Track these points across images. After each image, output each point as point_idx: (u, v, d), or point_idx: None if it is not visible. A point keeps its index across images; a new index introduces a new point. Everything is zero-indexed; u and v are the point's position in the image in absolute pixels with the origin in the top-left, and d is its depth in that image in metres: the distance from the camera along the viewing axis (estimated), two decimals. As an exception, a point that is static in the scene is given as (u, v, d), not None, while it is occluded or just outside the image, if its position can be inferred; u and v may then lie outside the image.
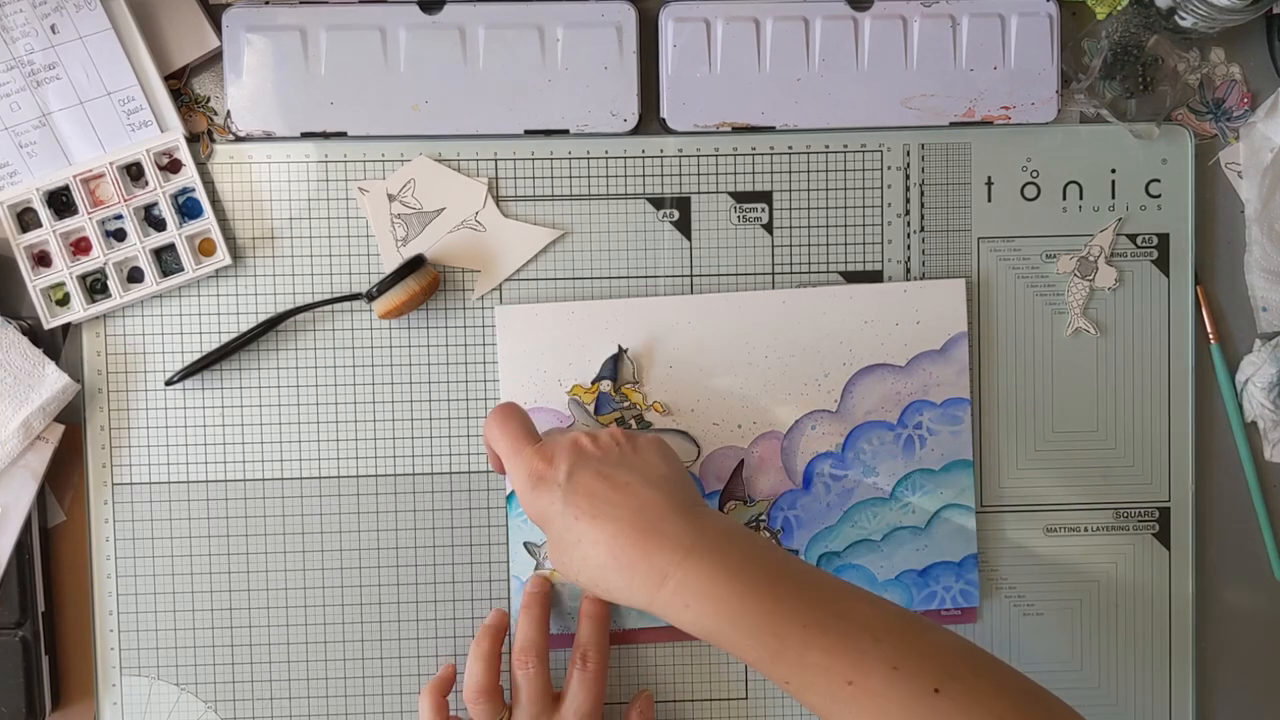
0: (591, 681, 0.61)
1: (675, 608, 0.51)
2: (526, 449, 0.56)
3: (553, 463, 0.55)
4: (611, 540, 0.52)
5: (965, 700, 0.48)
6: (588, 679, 0.61)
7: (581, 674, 0.61)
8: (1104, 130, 0.67)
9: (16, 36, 0.62)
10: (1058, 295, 0.67)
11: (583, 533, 0.53)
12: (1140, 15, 0.66)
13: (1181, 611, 0.68)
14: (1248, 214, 0.68)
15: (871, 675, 0.48)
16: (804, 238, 0.67)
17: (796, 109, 0.65)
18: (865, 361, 0.66)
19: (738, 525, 0.54)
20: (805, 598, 0.50)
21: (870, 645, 0.49)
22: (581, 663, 0.61)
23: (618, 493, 0.53)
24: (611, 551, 0.52)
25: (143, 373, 0.65)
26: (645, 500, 0.53)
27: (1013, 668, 0.50)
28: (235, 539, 0.65)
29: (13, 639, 0.63)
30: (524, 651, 0.61)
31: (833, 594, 0.51)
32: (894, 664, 0.48)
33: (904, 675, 0.48)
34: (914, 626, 0.50)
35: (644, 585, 0.52)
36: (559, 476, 0.55)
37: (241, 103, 0.64)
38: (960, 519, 0.67)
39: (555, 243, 0.66)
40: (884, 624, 0.50)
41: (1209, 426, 0.69)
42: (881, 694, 0.48)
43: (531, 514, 0.56)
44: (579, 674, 0.61)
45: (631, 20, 0.64)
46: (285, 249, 0.65)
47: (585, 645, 0.62)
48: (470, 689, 0.61)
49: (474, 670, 0.62)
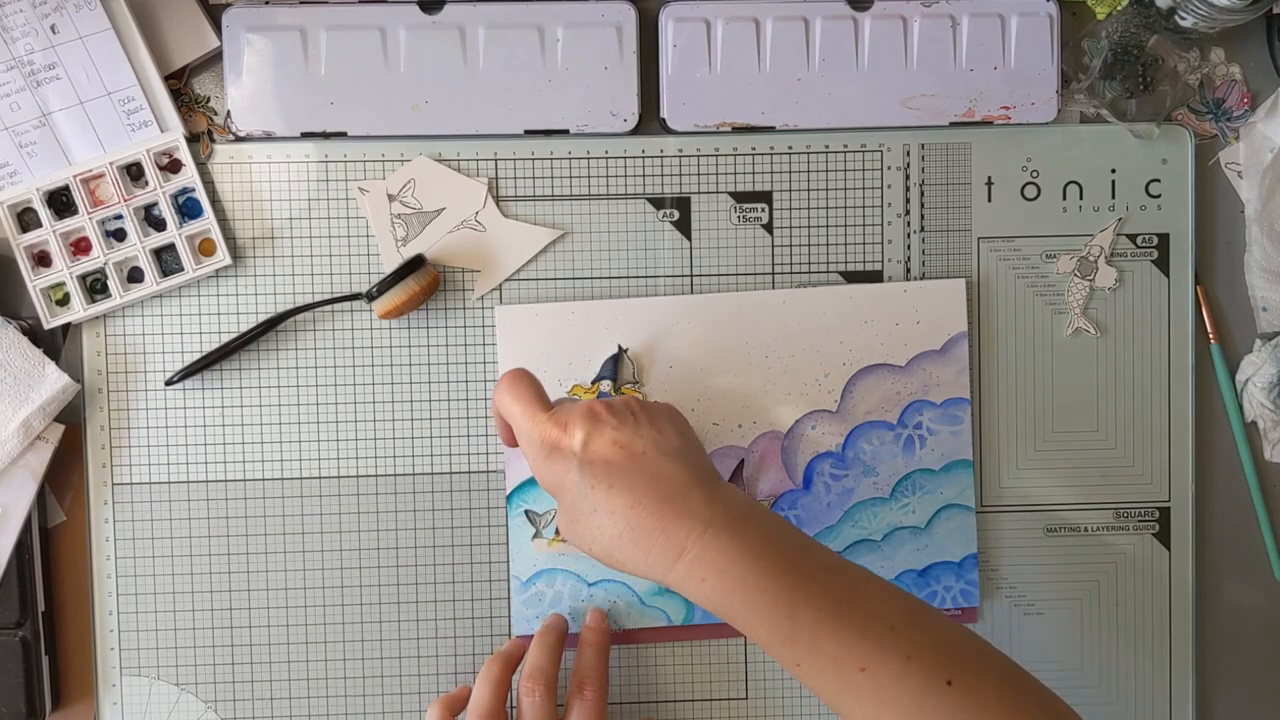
0: (590, 710, 0.61)
1: (691, 581, 0.50)
2: (540, 415, 0.54)
3: (567, 430, 0.53)
4: (629, 511, 0.51)
5: (977, 694, 0.47)
6: (586, 707, 0.61)
7: (580, 702, 0.61)
8: (1104, 130, 0.67)
9: (16, 36, 0.62)
10: (1058, 295, 0.67)
11: (598, 502, 0.51)
12: (1140, 15, 0.66)
13: (1181, 611, 0.68)
14: (1248, 214, 0.68)
15: (885, 664, 0.47)
16: (804, 238, 0.67)
17: (796, 109, 0.65)
18: (865, 361, 0.66)
19: (756, 503, 0.53)
20: (822, 580, 0.50)
21: (885, 633, 0.48)
22: (580, 690, 0.61)
23: (634, 462, 0.52)
24: (629, 522, 0.51)
25: (143, 373, 0.65)
26: (663, 471, 0.52)
27: (1017, 664, 0.50)
28: (235, 539, 0.65)
29: (13, 639, 0.63)
30: (532, 678, 0.61)
31: (850, 579, 0.50)
32: (908, 654, 0.48)
33: (917, 666, 0.47)
34: (928, 617, 0.50)
35: (660, 558, 0.50)
36: (574, 444, 0.52)
37: (241, 103, 0.64)
38: (960, 519, 0.67)
39: (555, 243, 0.66)
40: (899, 612, 0.49)
41: (1209, 426, 0.69)
42: (894, 683, 0.47)
43: (545, 482, 0.54)
44: (579, 703, 0.61)
45: (631, 20, 0.64)
46: (285, 249, 0.65)
47: (585, 673, 0.62)
48: (474, 711, 0.61)
49: (481, 693, 0.61)
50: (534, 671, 0.61)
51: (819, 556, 0.51)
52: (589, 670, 0.62)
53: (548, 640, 0.63)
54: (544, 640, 0.63)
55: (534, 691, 0.60)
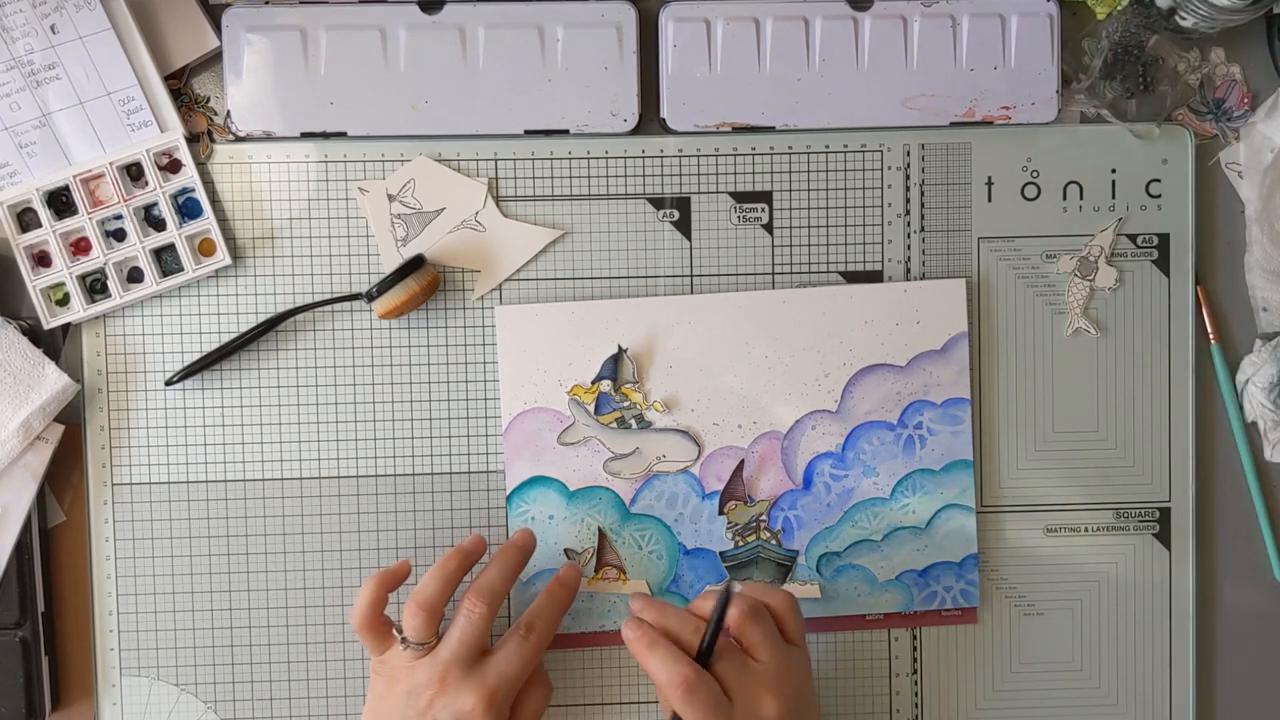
0: (528, 652, 0.59)
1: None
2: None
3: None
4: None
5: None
6: (525, 648, 0.59)
7: (520, 642, 0.59)
8: (1104, 130, 0.67)
9: (16, 36, 0.62)
10: (1058, 295, 0.67)
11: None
12: (1140, 15, 0.66)
13: (1181, 611, 0.68)
14: (1248, 214, 0.68)
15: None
16: (804, 238, 0.67)
17: (796, 109, 0.65)
18: (865, 361, 0.66)
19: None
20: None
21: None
22: (525, 631, 0.59)
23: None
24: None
25: (143, 373, 0.65)
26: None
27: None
28: (235, 539, 0.65)
29: (13, 639, 0.63)
30: (479, 593, 0.59)
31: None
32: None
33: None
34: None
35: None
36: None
37: (241, 103, 0.64)
38: (960, 519, 0.67)
39: (555, 243, 0.66)
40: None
41: (1209, 426, 0.69)
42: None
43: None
44: (518, 640, 0.59)
45: (631, 20, 0.64)
46: (285, 249, 0.65)
47: (535, 616, 0.60)
48: (417, 597, 0.59)
49: (429, 583, 0.59)
50: (483, 587, 0.59)
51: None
52: (541, 614, 0.60)
53: (508, 560, 0.61)
54: (504, 559, 0.61)
55: (476, 608, 0.59)
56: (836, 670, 0.67)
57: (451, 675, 0.57)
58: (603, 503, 0.66)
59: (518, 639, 0.59)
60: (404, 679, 0.58)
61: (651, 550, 0.66)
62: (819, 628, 0.67)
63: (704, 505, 0.66)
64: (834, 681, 0.67)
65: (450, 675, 0.57)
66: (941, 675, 0.68)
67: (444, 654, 0.58)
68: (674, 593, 0.66)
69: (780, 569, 0.66)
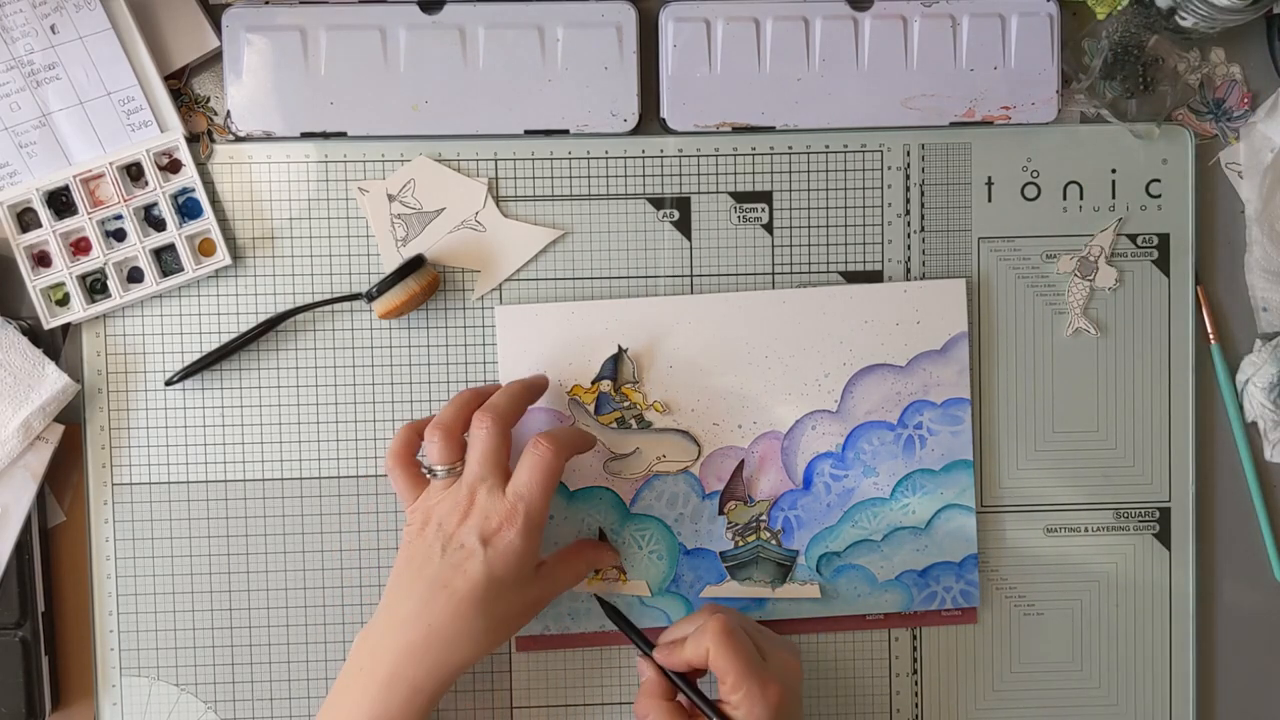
0: (542, 460, 0.58)
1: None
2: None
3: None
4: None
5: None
6: (538, 458, 0.58)
7: (531, 453, 0.59)
8: (1104, 130, 0.67)
9: (16, 36, 0.62)
10: (1058, 295, 0.67)
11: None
12: (1140, 15, 0.66)
13: (1181, 611, 0.68)
14: (1248, 214, 0.68)
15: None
16: (804, 238, 0.67)
17: (796, 109, 0.65)
18: (865, 361, 0.66)
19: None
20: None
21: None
22: (533, 444, 0.59)
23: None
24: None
25: (143, 373, 0.65)
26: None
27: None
28: (235, 539, 0.65)
29: (13, 639, 0.63)
30: (484, 411, 0.59)
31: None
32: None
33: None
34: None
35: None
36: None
37: (241, 103, 0.64)
38: (960, 519, 0.67)
39: (555, 243, 0.66)
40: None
41: (1209, 426, 0.69)
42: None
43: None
44: (528, 453, 0.59)
45: (631, 20, 0.64)
46: (285, 249, 0.65)
47: (539, 434, 0.60)
48: (437, 423, 0.60)
49: (444, 411, 0.61)
50: (488, 407, 0.60)
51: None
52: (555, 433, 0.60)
53: (515, 387, 0.62)
54: (512, 385, 0.62)
55: (483, 425, 0.59)
56: (836, 670, 0.68)
57: (476, 496, 0.58)
58: (603, 503, 0.66)
59: (528, 453, 0.59)
60: (434, 515, 0.59)
61: (652, 550, 0.66)
62: (819, 628, 0.67)
63: (704, 505, 0.66)
64: (834, 681, 0.68)
65: (475, 496, 0.58)
66: (941, 675, 0.68)
67: (465, 478, 0.59)
68: (674, 593, 0.66)
69: (780, 569, 0.66)
